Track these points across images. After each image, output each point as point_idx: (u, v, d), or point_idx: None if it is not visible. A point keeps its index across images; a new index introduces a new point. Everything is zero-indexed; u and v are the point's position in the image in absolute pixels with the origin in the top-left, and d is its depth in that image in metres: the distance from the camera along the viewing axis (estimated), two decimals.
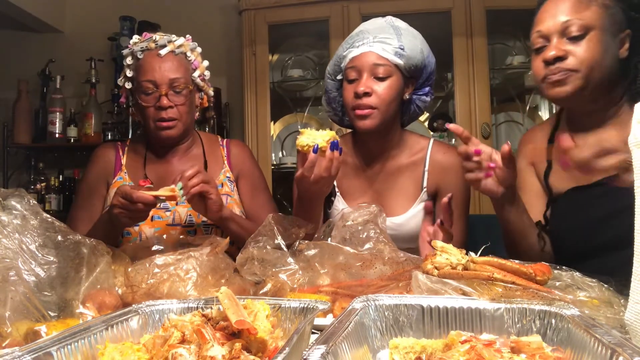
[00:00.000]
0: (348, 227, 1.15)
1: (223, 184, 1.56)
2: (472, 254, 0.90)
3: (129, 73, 1.50)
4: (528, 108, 2.96)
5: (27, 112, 3.18)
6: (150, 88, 1.43)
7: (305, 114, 3.11)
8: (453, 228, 1.43)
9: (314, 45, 3.08)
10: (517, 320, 0.74)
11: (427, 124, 3.06)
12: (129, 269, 1.01)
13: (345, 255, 1.07)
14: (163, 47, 1.46)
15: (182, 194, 1.25)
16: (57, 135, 3.15)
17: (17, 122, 3.14)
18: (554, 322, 0.71)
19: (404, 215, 1.47)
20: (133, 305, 0.81)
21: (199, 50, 1.55)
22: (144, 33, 1.52)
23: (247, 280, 1.07)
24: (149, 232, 1.45)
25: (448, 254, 0.88)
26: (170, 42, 1.47)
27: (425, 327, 0.77)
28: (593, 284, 0.86)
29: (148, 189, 1.23)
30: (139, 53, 1.47)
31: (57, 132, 3.15)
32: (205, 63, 1.55)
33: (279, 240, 1.12)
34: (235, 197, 1.57)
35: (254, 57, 2.86)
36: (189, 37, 1.53)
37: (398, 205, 1.49)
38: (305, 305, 0.78)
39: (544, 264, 0.88)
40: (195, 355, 0.63)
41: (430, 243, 1.04)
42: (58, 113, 3.15)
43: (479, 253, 0.91)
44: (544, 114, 3.04)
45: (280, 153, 3.13)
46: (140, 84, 1.44)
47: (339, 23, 2.76)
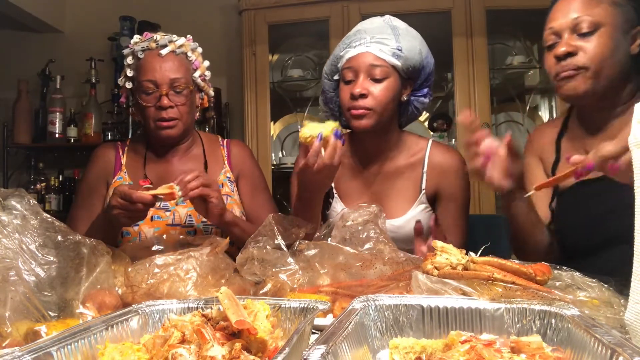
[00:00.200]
0: (348, 227, 1.15)
1: (223, 184, 1.55)
2: (472, 254, 0.90)
3: (130, 73, 1.50)
4: (528, 108, 2.96)
5: (27, 112, 3.18)
6: (151, 88, 1.43)
7: (305, 114, 3.10)
8: (453, 230, 1.44)
9: (314, 45, 3.08)
10: (517, 320, 0.74)
11: (427, 124, 3.06)
12: (129, 269, 1.01)
13: (345, 255, 1.07)
14: (164, 47, 1.46)
15: (180, 195, 1.24)
16: (57, 135, 3.15)
17: (17, 122, 3.14)
18: (554, 322, 0.71)
19: (403, 218, 1.46)
20: (133, 305, 0.81)
21: (200, 51, 1.55)
22: (145, 33, 1.51)
23: (247, 280, 1.07)
24: (149, 232, 1.45)
25: (448, 254, 0.88)
26: (171, 42, 1.47)
27: (425, 327, 0.77)
28: (593, 284, 0.86)
29: (147, 189, 1.23)
30: (140, 53, 1.47)
31: (57, 132, 3.15)
32: (206, 63, 1.55)
33: (279, 240, 1.12)
34: (236, 197, 1.57)
35: (254, 57, 2.86)
36: (190, 37, 1.53)
37: (396, 207, 1.47)
38: (305, 305, 0.78)
39: (544, 264, 0.88)
40: (195, 355, 0.63)
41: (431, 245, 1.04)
42: (58, 113, 3.15)
43: (479, 253, 0.91)
44: (544, 114, 3.04)
45: (280, 153, 3.12)
46: (141, 84, 1.44)
47: (339, 23, 2.76)
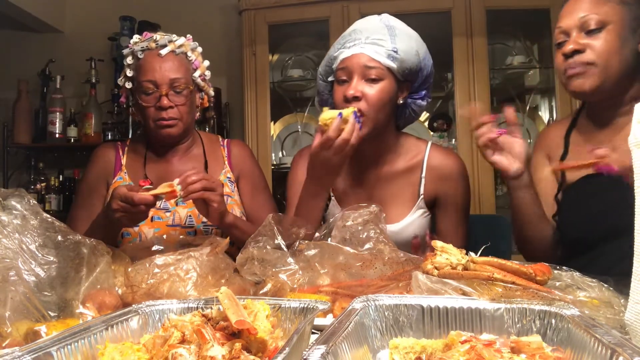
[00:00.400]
0: (348, 227, 1.14)
1: (224, 184, 1.54)
2: (472, 254, 0.90)
3: (129, 73, 1.49)
4: (528, 108, 2.96)
5: (27, 112, 3.18)
6: (151, 88, 1.43)
7: (305, 114, 3.11)
8: (454, 235, 1.43)
9: (314, 45, 3.08)
10: (517, 320, 0.74)
11: (427, 124, 3.06)
12: (129, 269, 1.01)
13: (345, 255, 1.06)
14: (164, 46, 1.46)
15: (181, 194, 1.23)
16: (57, 135, 3.15)
17: (17, 122, 3.14)
18: (554, 322, 0.71)
19: (401, 223, 1.43)
20: (133, 305, 0.81)
21: (200, 50, 1.54)
22: (145, 33, 1.51)
23: (247, 280, 1.07)
24: (149, 232, 1.45)
25: (448, 254, 0.88)
26: (171, 41, 1.47)
27: (425, 327, 0.77)
28: (593, 284, 0.86)
29: (147, 190, 1.22)
30: (140, 53, 1.47)
31: (57, 132, 3.15)
32: (206, 63, 1.55)
33: (279, 240, 1.12)
34: (236, 197, 1.57)
35: (254, 57, 2.86)
36: (190, 36, 1.53)
37: (394, 213, 1.43)
38: (305, 305, 0.77)
39: (544, 264, 0.88)
40: (195, 355, 0.63)
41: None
42: (58, 113, 3.15)
43: (479, 253, 0.91)
44: (544, 114, 3.04)
45: (280, 153, 3.12)
46: (141, 84, 1.44)
47: (339, 23, 2.76)
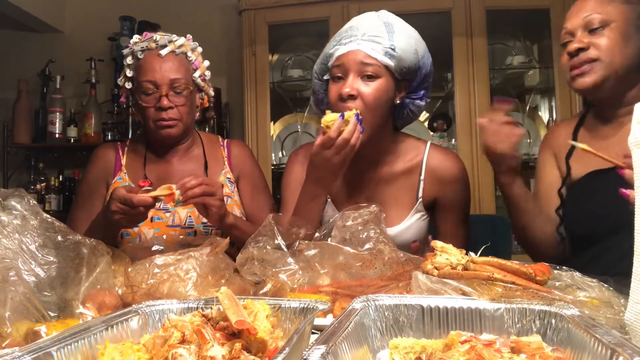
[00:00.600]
0: (348, 227, 1.14)
1: (223, 185, 1.55)
2: (472, 254, 0.90)
3: (129, 73, 1.49)
4: (528, 108, 2.96)
5: (27, 112, 3.18)
6: (151, 88, 1.43)
7: (305, 114, 3.10)
8: (454, 238, 1.42)
9: (314, 45, 3.08)
10: (517, 320, 0.74)
11: (427, 124, 3.06)
12: (129, 269, 1.01)
13: (345, 256, 1.06)
14: (164, 47, 1.45)
15: (180, 199, 1.22)
16: (57, 135, 3.15)
17: (17, 122, 3.14)
18: (554, 322, 0.71)
19: (399, 226, 1.40)
20: (133, 306, 0.81)
21: (200, 50, 1.54)
22: (145, 33, 1.51)
23: (247, 280, 1.07)
24: (149, 233, 1.45)
25: (448, 254, 0.88)
26: (171, 42, 1.47)
27: (425, 327, 0.77)
28: (593, 284, 0.86)
29: (146, 192, 1.22)
30: (140, 53, 1.46)
31: (57, 132, 3.15)
32: (206, 63, 1.55)
33: (279, 240, 1.11)
34: (236, 198, 1.57)
35: (254, 57, 2.86)
36: (190, 36, 1.53)
37: (393, 216, 1.39)
38: (305, 305, 0.77)
39: (544, 264, 0.88)
40: (195, 356, 0.63)
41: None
42: (58, 113, 3.15)
43: (479, 253, 0.91)
44: (544, 114, 3.04)
45: (280, 153, 3.12)
46: (141, 84, 1.44)
47: (339, 23, 2.73)
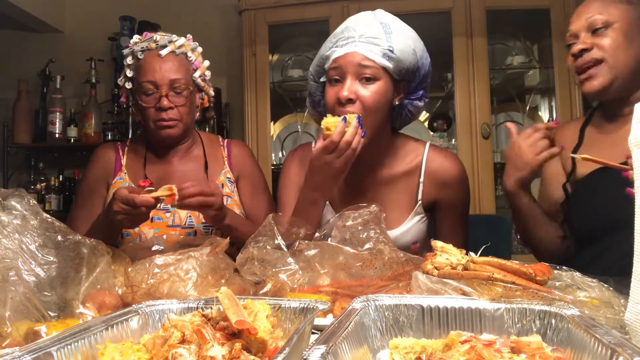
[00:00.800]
0: (348, 227, 1.14)
1: (223, 185, 1.55)
2: (472, 254, 0.90)
3: (129, 73, 1.49)
4: (528, 108, 2.96)
5: (27, 112, 3.18)
6: (151, 89, 1.43)
7: (305, 114, 3.10)
8: (453, 239, 1.41)
9: (314, 45, 3.06)
10: (517, 320, 0.74)
11: (427, 124, 3.06)
12: (129, 269, 1.01)
13: (345, 255, 1.06)
14: (164, 47, 1.45)
15: (175, 202, 1.23)
16: (57, 135, 3.15)
17: (17, 122, 3.14)
18: (554, 322, 0.71)
19: (399, 229, 1.39)
20: (133, 305, 0.81)
21: (200, 50, 1.54)
22: (145, 33, 1.51)
23: (247, 280, 1.07)
24: (149, 233, 1.45)
25: (448, 254, 0.88)
26: (171, 42, 1.47)
27: (425, 327, 0.77)
28: (593, 284, 0.86)
29: (148, 192, 1.22)
30: (140, 53, 1.46)
31: (57, 132, 3.15)
32: (206, 63, 1.55)
33: (279, 240, 1.11)
34: (236, 198, 1.57)
35: (254, 57, 2.86)
36: (190, 37, 1.53)
37: (392, 218, 1.37)
38: (305, 305, 0.77)
39: (544, 264, 0.88)
40: (195, 355, 0.63)
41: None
42: (58, 113, 3.15)
43: (479, 253, 0.91)
44: (544, 114, 3.04)
45: (280, 153, 3.12)
46: (141, 85, 1.44)
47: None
